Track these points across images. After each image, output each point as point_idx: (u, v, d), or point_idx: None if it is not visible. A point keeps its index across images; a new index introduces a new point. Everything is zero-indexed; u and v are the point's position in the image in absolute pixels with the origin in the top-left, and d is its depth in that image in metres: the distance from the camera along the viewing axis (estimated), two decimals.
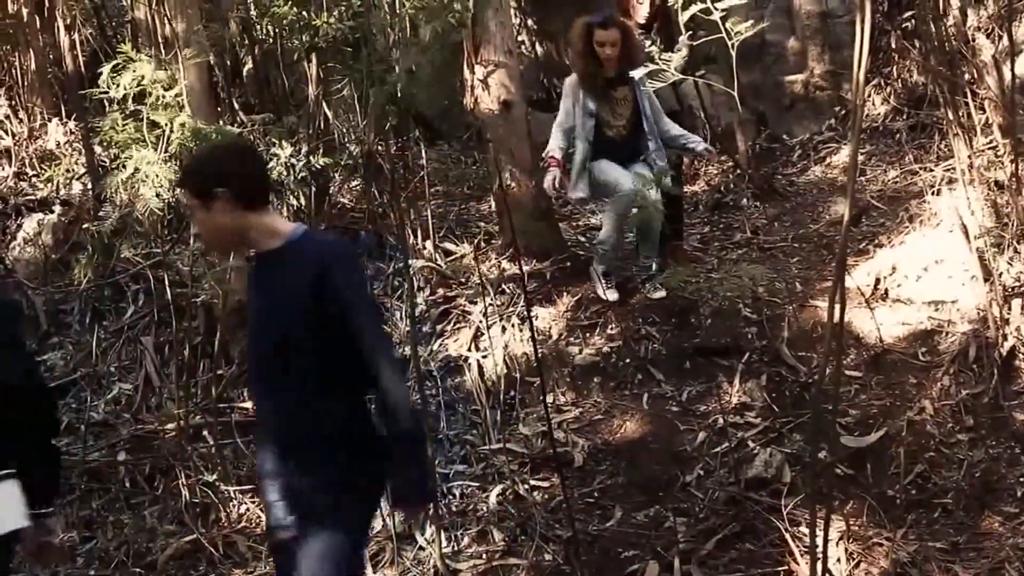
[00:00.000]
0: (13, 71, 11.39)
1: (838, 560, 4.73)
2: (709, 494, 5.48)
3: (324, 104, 8.29)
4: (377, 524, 5.70)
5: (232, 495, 6.25)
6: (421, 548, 5.46)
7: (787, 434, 5.80)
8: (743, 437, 5.83)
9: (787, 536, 4.91)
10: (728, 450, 5.68)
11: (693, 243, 8.28)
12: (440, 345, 7.02)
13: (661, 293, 7.04)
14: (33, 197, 9.65)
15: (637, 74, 6.38)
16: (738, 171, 9.57)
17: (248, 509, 6.16)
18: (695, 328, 6.80)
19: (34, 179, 10.11)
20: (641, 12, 7.09)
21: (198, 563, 6.00)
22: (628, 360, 6.66)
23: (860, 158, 8.70)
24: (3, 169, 10.32)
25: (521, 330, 6.81)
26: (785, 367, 6.30)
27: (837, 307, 3.59)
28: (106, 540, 6.20)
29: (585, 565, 5.13)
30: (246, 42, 10.08)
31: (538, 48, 13.77)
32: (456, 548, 5.51)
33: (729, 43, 8.43)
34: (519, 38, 12.51)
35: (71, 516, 6.45)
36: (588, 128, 6.75)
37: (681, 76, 8.30)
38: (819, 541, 3.87)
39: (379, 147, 8.07)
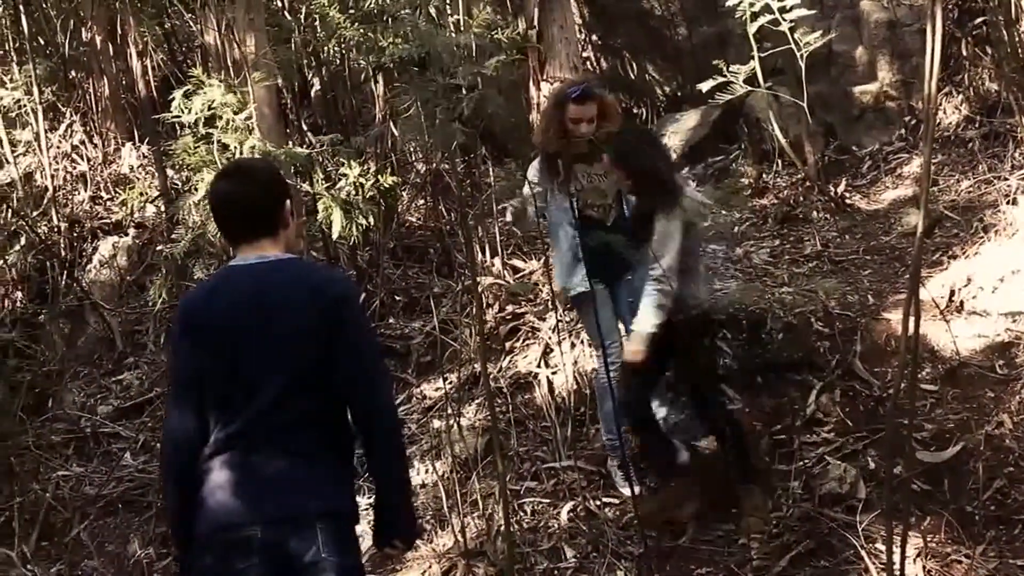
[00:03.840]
0: (87, 98, 11.63)
1: None
2: (783, 510, 5.41)
3: (391, 124, 8.36)
4: (448, 541, 5.73)
5: None
6: (492, 565, 5.45)
7: (862, 449, 5.71)
8: (817, 453, 5.76)
9: (863, 553, 4.83)
10: (802, 466, 5.61)
11: (763, 257, 8.21)
12: (510, 362, 7.02)
13: (683, 457, 5.66)
14: (108, 220, 9.85)
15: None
16: (807, 183, 9.48)
17: None
18: (766, 343, 6.73)
19: (109, 203, 10.31)
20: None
21: None
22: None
23: (932, 168, 8.58)
24: (79, 193, 10.53)
25: (589, 345, 6.78)
26: (859, 381, 6.21)
27: (912, 320, 3.53)
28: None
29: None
30: (313, 64, 10.20)
31: (603, 63, 13.79)
32: (528, 565, 5.49)
33: (797, 54, 8.38)
34: (584, 54, 12.53)
35: (148, 533, 6.55)
36: (567, 212, 5.55)
37: (748, 88, 8.30)
38: (896, 558, 3.80)
39: (446, 165, 8.12)
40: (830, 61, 10.86)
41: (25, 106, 10.87)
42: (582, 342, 6.88)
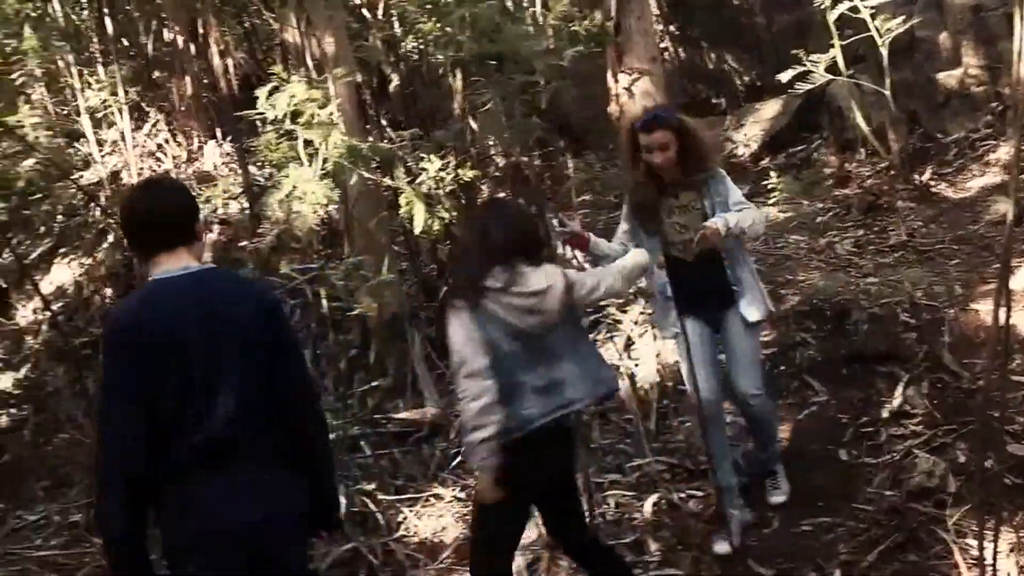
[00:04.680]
0: (170, 97, 11.83)
1: (1008, 574, 4.57)
2: (871, 504, 5.34)
3: (470, 117, 8.39)
4: (532, 533, 5.74)
5: (390, 504, 6.35)
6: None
7: (951, 443, 5.62)
8: (904, 446, 5.68)
9: (953, 548, 4.76)
10: (890, 459, 5.54)
11: (847, 247, 8.11)
12: None
13: (781, 498, 5.56)
14: None
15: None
16: (891, 172, 9.34)
17: (406, 518, 6.25)
18: (852, 334, 6.65)
19: None
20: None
21: (357, 571, 6.11)
22: (783, 367, 6.56)
23: (1022, 154, 8.42)
24: None
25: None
26: (947, 373, 6.12)
27: (1002, 310, 3.48)
28: None
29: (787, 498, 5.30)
30: (392, 60, 10.26)
31: (681, 54, 13.71)
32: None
33: (878, 41, 8.27)
34: (662, 45, 12.48)
35: None
36: (653, 250, 5.06)
37: (830, 77, 8.21)
38: (987, 553, 3.74)
39: (525, 158, 8.12)
40: (913, 47, 10.69)
41: (111, 106, 11.08)
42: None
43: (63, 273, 10.51)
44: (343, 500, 6.39)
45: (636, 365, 6.78)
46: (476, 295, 3.95)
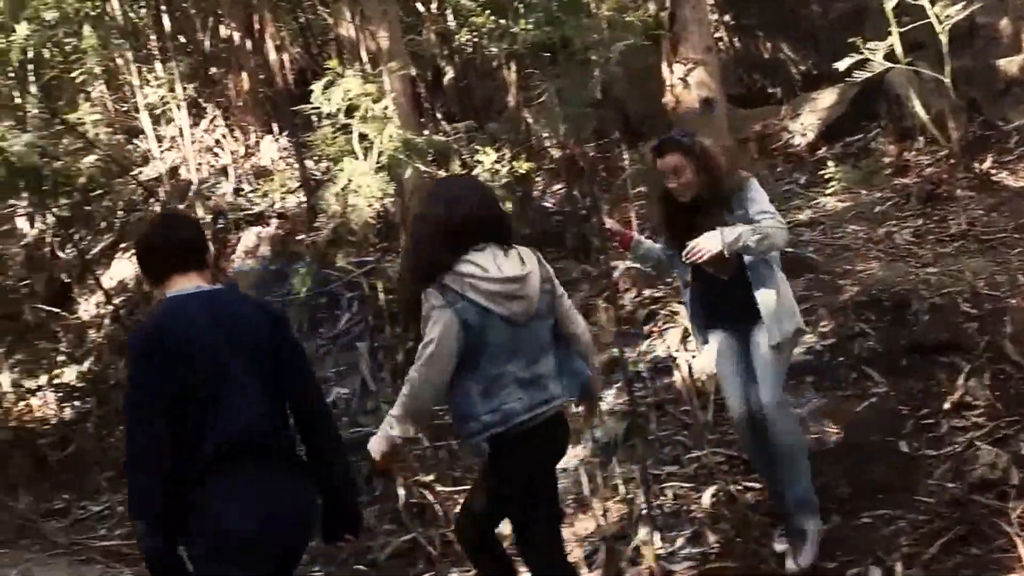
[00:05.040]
0: (227, 93, 11.94)
1: None
2: (932, 496, 5.29)
3: (524, 110, 8.40)
4: (590, 525, 5.75)
5: (448, 495, 6.38)
6: (635, 549, 5.44)
7: (1013, 435, 5.54)
8: (966, 437, 5.61)
9: (1016, 541, 4.70)
10: (951, 451, 5.48)
11: (906, 237, 8.02)
12: (648, 346, 7.00)
13: (793, 567, 4.95)
14: (251, 211, 10.10)
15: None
16: (951, 160, 9.22)
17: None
18: (911, 324, 6.57)
19: (251, 194, 10.57)
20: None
21: (416, 561, 6.16)
22: (842, 358, 6.50)
23: None
24: (222, 186, 10.83)
25: None
26: (1009, 364, 6.02)
27: None
28: None
29: (803, 569, 4.95)
30: (446, 52, 10.30)
31: (736, 43, 13.62)
32: (670, 549, 5.47)
33: (937, 28, 8.16)
34: (716, 34, 12.39)
35: None
36: (685, 270, 5.05)
37: (887, 65, 8.11)
38: None
39: (580, 150, 8.12)
40: (973, 34, 10.54)
41: (169, 103, 11.21)
42: None
43: (124, 268, 10.66)
44: (401, 492, 6.47)
45: (693, 356, 6.75)
46: (451, 281, 3.76)
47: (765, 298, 4.85)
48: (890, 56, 8.19)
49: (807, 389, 6.36)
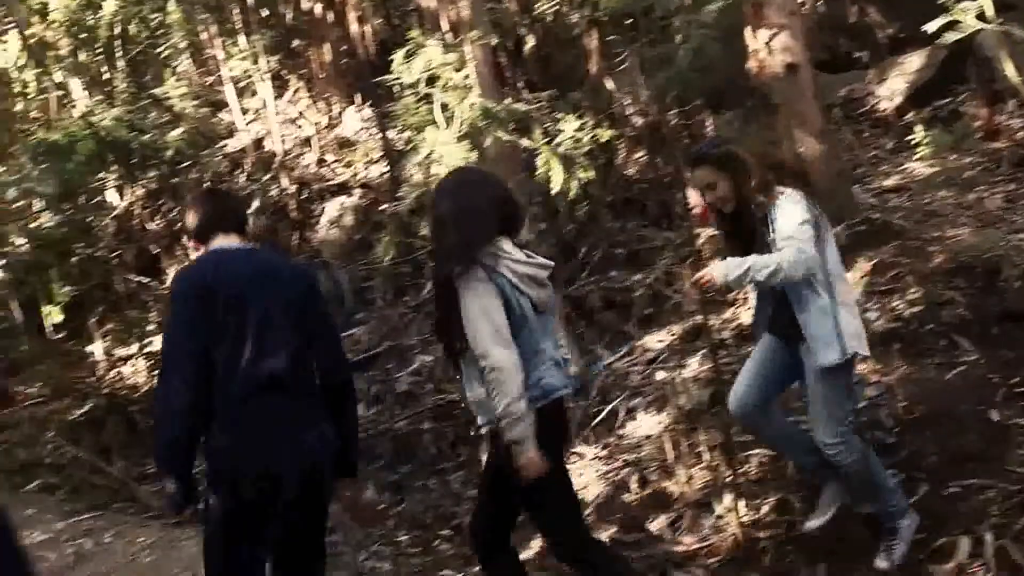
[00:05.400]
0: (310, 65, 12.04)
1: None
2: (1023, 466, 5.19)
3: (606, 77, 8.35)
4: (674, 491, 5.75)
5: None
6: (719, 516, 5.43)
7: None
8: None
9: None
10: None
11: (997, 202, 7.85)
12: (732, 313, 6.95)
13: (885, 564, 4.77)
14: (334, 182, 10.19)
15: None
16: None
17: None
18: (1002, 292, 6.44)
19: (334, 165, 10.66)
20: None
21: None
22: (930, 326, 6.39)
23: None
24: (306, 156, 10.94)
25: None
26: None
27: None
28: (414, 503, 6.50)
29: (896, 566, 4.80)
30: (526, 21, 10.27)
31: (821, 7, 13.39)
32: (755, 517, 5.45)
33: None
34: None
35: (381, 480, 6.81)
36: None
37: (978, 26, 7.93)
38: None
39: (663, 117, 8.06)
40: None
41: (252, 75, 11.33)
42: None
43: None
44: (484, 457, 6.51)
45: None
46: (487, 258, 3.75)
47: (808, 319, 4.50)
48: (981, 17, 8.00)
49: (894, 357, 6.27)
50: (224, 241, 3.97)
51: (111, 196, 12.41)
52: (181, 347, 3.69)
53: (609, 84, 8.32)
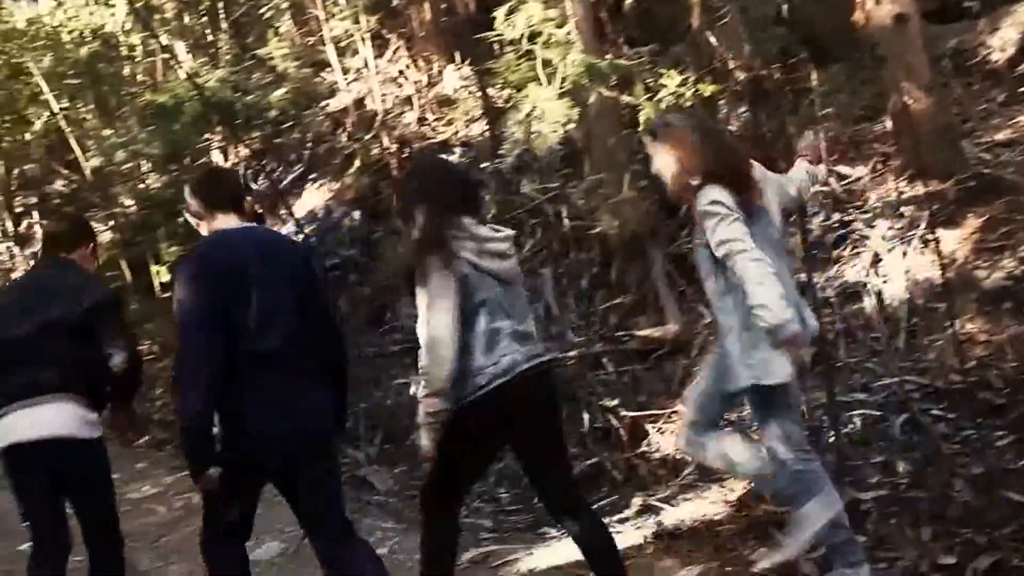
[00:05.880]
0: (410, 23, 12.06)
1: None
2: None
3: (708, 31, 8.23)
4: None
5: (632, 420, 6.41)
6: None
7: None
8: None
9: None
10: None
11: None
12: (837, 271, 6.84)
13: None
14: (435, 140, 10.23)
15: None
16: None
17: (648, 434, 6.30)
18: None
19: (435, 123, 10.70)
20: None
21: (600, 485, 6.23)
22: None
23: None
24: (406, 115, 11.00)
25: (923, 254, 6.51)
26: None
27: None
28: (513, 460, 6.51)
29: (995, 505, 4.74)
30: None
31: None
32: (858, 478, 5.38)
33: None
34: None
35: None
36: None
37: None
38: None
39: (766, 71, 7.93)
40: None
41: (353, 35, 11.40)
42: (913, 250, 6.62)
43: (314, 197, 10.98)
44: (586, 416, 6.54)
45: (884, 282, 6.58)
46: (453, 242, 3.89)
47: (721, 345, 4.24)
48: None
49: (1004, 316, 6.12)
50: (223, 221, 4.16)
51: (216, 156, 12.65)
52: (197, 320, 3.87)
53: (711, 38, 8.18)
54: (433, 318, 3.85)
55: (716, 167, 4.10)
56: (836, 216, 7.24)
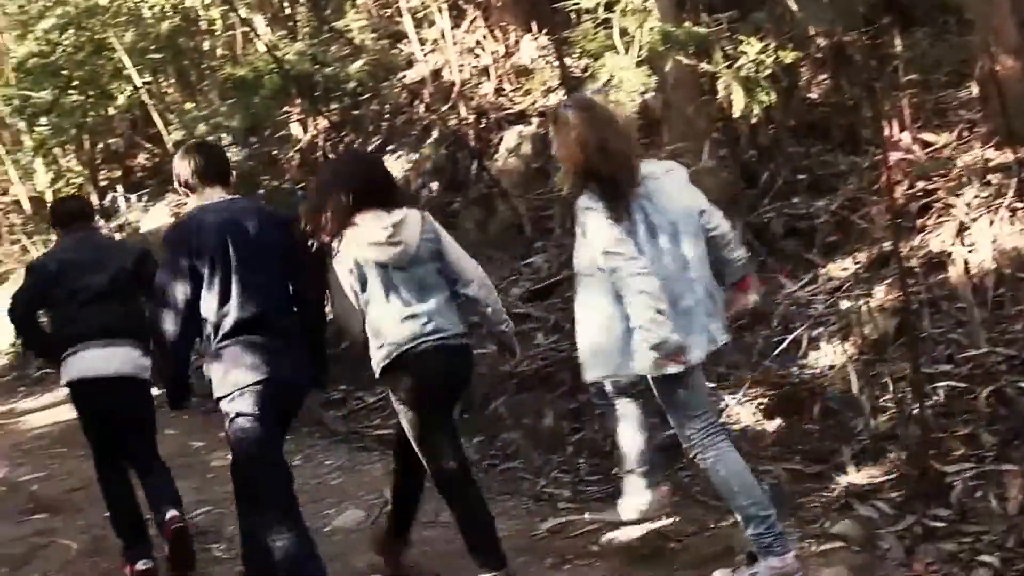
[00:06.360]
0: None
1: None
2: None
3: None
4: (859, 424, 5.63)
5: (711, 392, 6.35)
6: (904, 448, 5.30)
7: None
8: None
9: None
10: None
11: None
12: (921, 241, 6.72)
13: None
14: (512, 111, 10.21)
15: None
16: None
17: (727, 406, 6.26)
18: None
19: (511, 93, 10.68)
20: None
21: (681, 456, 6.19)
22: None
23: None
24: (483, 86, 10.99)
25: (1011, 222, 6.36)
26: None
27: None
28: (594, 431, 6.53)
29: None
30: None
31: None
32: (942, 450, 5.30)
33: None
34: None
35: (561, 408, 6.87)
36: None
37: None
38: None
39: (848, 38, 7.80)
40: None
41: (430, 6, 11.40)
42: (1001, 219, 6.47)
43: (392, 168, 10.99)
44: None
45: (970, 251, 6.44)
46: (350, 232, 4.45)
47: None
48: None
49: None
50: (210, 195, 4.60)
51: (295, 129, 12.75)
52: (167, 288, 4.39)
53: (792, 3, 8.05)
54: (336, 299, 4.57)
55: (598, 164, 4.24)
56: (920, 184, 7.11)
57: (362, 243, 4.44)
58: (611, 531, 5.23)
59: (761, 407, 6.24)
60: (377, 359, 4.52)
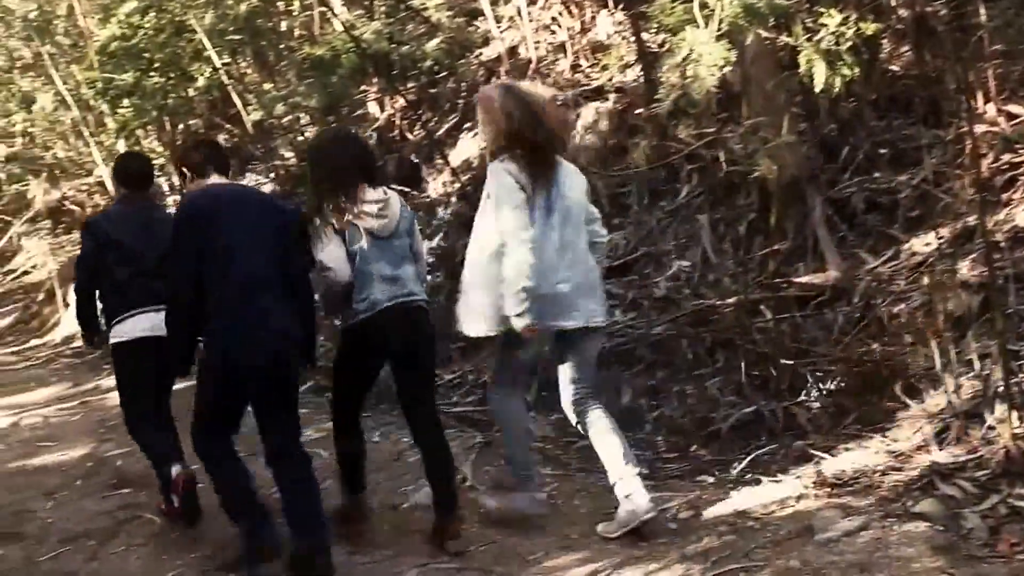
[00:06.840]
0: None
1: None
2: None
3: None
4: (941, 401, 5.55)
5: (790, 368, 6.32)
6: (990, 427, 5.21)
7: None
8: None
9: None
10: None
11: None
12: (1007, 215, 6.59)
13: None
14: (588, 87, 10.17)
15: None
16: None
17: (808, 382, 6.21)
18: None
19: (588, 70, 10.64)
20: None
21: (759, 433, 6.18)
22: None
23: None
24: (560, 63, 10.95)
25: None
26: None
27: None
28: (671, 409, 6.53)
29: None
30: None
31: None
32: None
33: None
34: None
35: (639, 385, 6.86)
36: None
37: None
38: None
39: (930, 8, 7.65)
40: None
41: None
42: None
43: (468, 146, 11.04)
44: (743, 364, 6.48)
45: None
46: (345, 208, 4.94)
47: None
48: None
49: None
50: (214, 178, 5.24)
51: (372, 108, 12.82)
52: (177, 262, 4.89)
53: None
54: (329, 248, 4.95)
55: (527, 131, 4.91)
56: (1006, 157, 6.96)
57: (360, 214, 4.95)
58: (688, 508, 5.22)
59: (842, 384, 6.18)
60: (360, 308, 4.96)
